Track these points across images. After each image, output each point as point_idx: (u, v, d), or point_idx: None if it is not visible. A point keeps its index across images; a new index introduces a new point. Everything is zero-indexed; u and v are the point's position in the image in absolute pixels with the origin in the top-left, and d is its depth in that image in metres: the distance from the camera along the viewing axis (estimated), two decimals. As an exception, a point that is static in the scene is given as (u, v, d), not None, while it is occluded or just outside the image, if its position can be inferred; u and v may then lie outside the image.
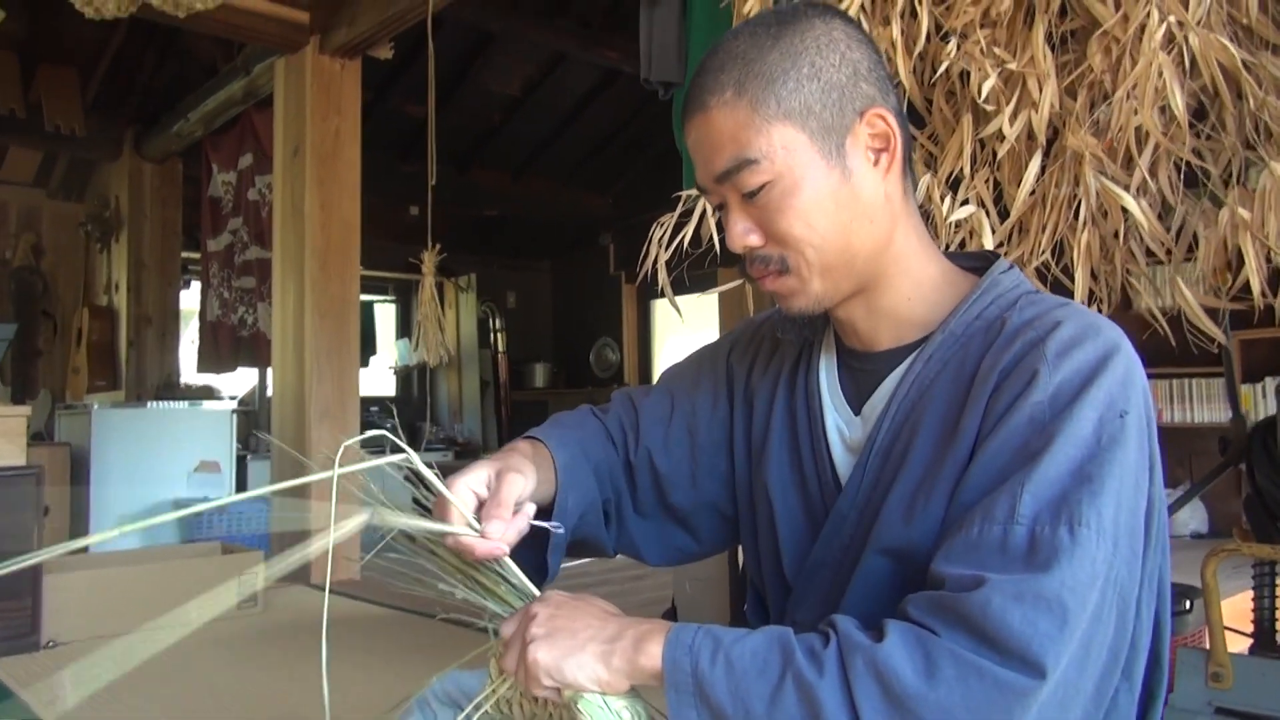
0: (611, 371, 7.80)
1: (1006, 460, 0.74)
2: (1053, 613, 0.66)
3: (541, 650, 0.75)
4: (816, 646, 0.71)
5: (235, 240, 4.83)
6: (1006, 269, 0.88)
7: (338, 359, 4.07)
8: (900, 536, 0.81)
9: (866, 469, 0.87)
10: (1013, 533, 0.70)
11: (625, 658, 0.75)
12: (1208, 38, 1.38)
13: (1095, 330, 0.78)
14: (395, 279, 7.59)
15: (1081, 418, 0.73)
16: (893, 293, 0.88)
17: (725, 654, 0.72)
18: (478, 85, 6.23)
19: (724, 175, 0.83)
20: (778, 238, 0.83)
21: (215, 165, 5.01)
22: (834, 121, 0.81)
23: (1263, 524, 1.79)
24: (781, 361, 1.01)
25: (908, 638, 0.68)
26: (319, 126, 4.03)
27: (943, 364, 0.84)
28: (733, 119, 0.81)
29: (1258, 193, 1.40)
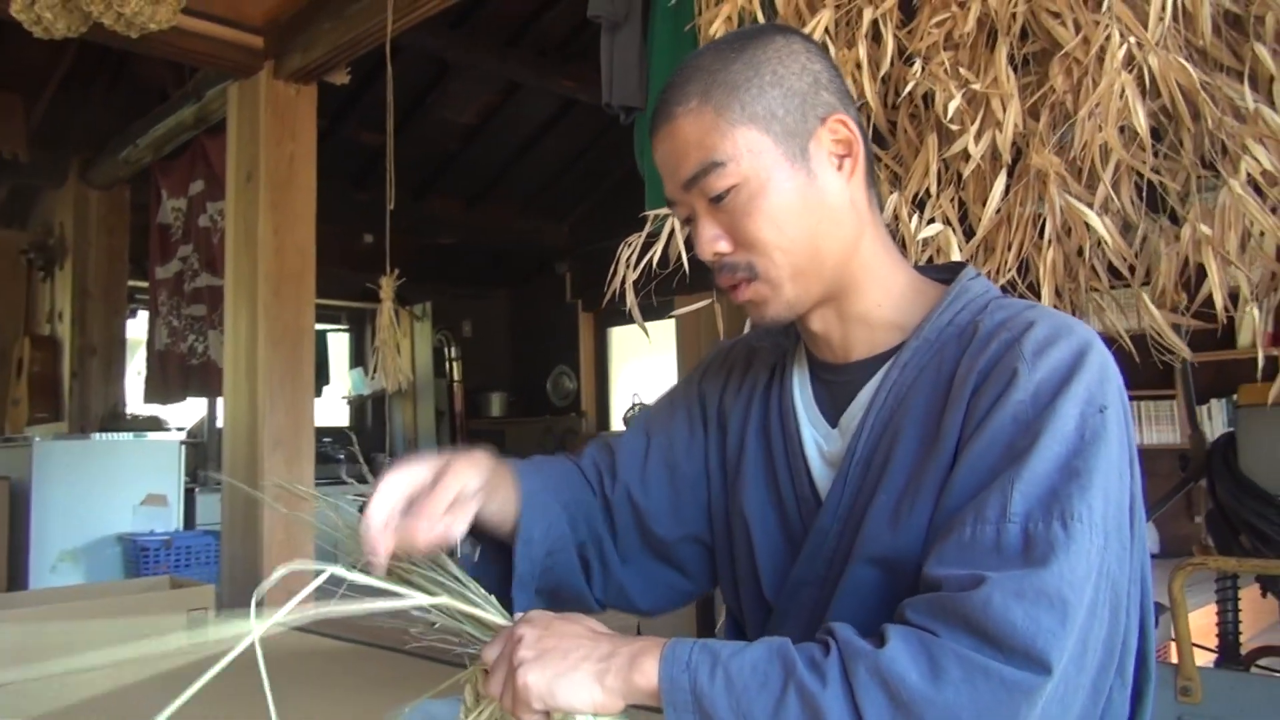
0: (569, 400, 7.76)
1: (993, 460, 0.74)
2: (1054, 608, 0.66)
3: (532, 673, 0.72)
4: (817, 656, 0.69)
5: (185, 267, 4.73)
6: (974, 276, 0.89)
7: (291, 388, 3.99)
8: (887, 545, 0.80)
9: (847, 481, 0.86)
10: (1006, 531, 0.70)
11: (620, 677, 0.72)
12: (1166, 58, 1.42)
13: (1069, 329, 0.79)
14: (349, 308, 7.50)
15: (1065, 414, 0.73)
16: (863, 299, 0.88)
17: (724, 668, 0.69)
18: (434, 114, 6.21)
19: (691, 181, 0.84)
20: (746, 242, 0.84)
21: (165, 191, 4.91)
22: (797, 126, 0.83)
23: (1225, 538, 1.81)
24: (754, 382, 1.01)
25: (910, 641, 0.67)
26: (273, 152, 3.98)
27: (919, 370, 0.84)
28: (699, 125, 0.83)
29: (1217, 209, 1.43)
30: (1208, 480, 1.86)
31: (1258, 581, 1.83)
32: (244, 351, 4.01)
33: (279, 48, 3.98)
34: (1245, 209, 1.39)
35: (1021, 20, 1.59)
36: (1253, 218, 1.39)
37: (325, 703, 2.48)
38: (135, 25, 2.51)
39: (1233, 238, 1.41)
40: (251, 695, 0.67)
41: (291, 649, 3.20)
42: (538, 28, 5.53)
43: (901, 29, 1.73)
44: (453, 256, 7.51)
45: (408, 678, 2.74)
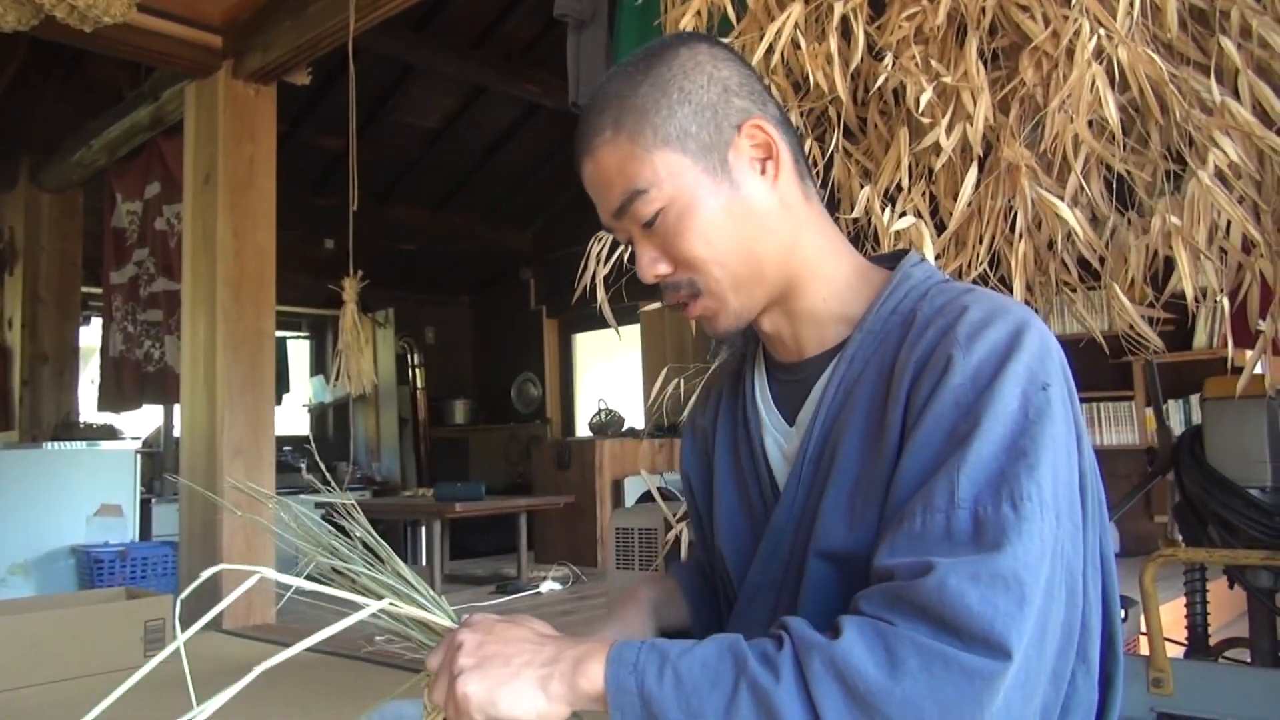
0: (534, 407, 7.72)
1: (937, 448, 0.73)
2: (1010, 591, 0.64)
3: (472, 683, 0.69)
4: (770, 651, 0.67)
5: (141, 272, 4.62)
6: (917, 262, 0.88)
7: (251, 394, 3.91)
8: (841, 541, 0.78)
9: (801, 478, 0.85)
10: (955, 518, 0.68)
11: (565, 681, 0.69)
12: (1136, 51, 1.42)
13: (1004, 309, 0.78)
14: (309, 314, 7.40)
15: (1005, 394, 0.72)
16: (809, 296, 0.88)
17: (673, 668, 0.67)
18: (396, 118, 6.15)
19: (619, 211, 0.84)
20: (683, 262, 0.84)
21: (119, 195, 4.80)
22: (712, 139, 0.83)
23: (1193, 530, 1.83)
24: (720, 393, 1.01)
25: (865, 631, 0.65)
26: (232, 153, 3.90)
27: (864, 362, 0.84)
28: (616, 155, 0.83)
29: (1186, 201, 1.44)
30: (1175, 473, 1.87)
31: (1225, 573, 1.85)
32: (202, 357, 3.93)
33: (238, 47, 3.91)
34: (1214, 200, 1.40)
35: (991, 14, 1.59)
36: (1221, 208, 1.40)
37: (284, 713, 2.42)
38: (89, 19, 2.44)
39: (1201, 229, 1.42)
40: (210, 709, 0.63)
41: (248, 659, 3.12)
42: (502, 31, 5.50)
43: (871, 24, 1.73)
44: (415, 263, 7.45)
45: (367, 684, 2.68)
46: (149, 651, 3.00)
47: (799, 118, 1.83)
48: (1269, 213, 1.54)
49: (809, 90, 1.78)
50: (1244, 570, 1.75)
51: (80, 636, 2.90)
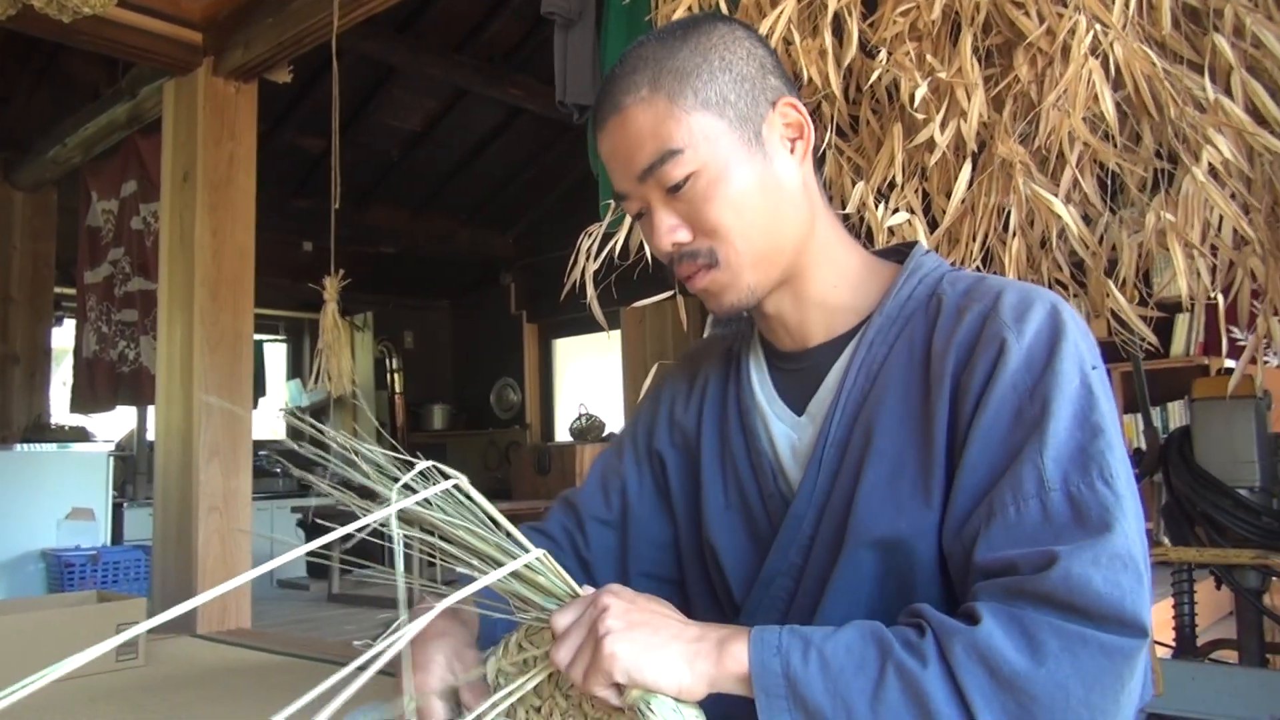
0: (513, 412, 7.68)
1: (1003, 431, 0.73)
2: (1129, 569, 0.66)
3: (621, 644, 0.68)
4: (912, 637, 0.67)
5: (116, 272, 4.55)
6: (926, 252, 0.90)
7: (229, 395, 3.84)
8: (887, 526, 0.78)
9: (822, 466, 0.84)
10: (1050, 501, 0.69)
11: (710, 660, 0.69)
12: (1131, 47, 1.42)
13: (1035, 292, 0.80)
14: (286, 318, 7.33)
15: (1066, 373, 0.73)
16: (818, 281, 0.88)
17: (819, 651, 0.67)
18: (377, 120, 6.11)
19: (647, 171, 0.82)
20: (707, 229, 0.82)
21: (94, 193, 4.73)
22: (749, 111, 0.84)
23: (1181, 530, 1.83)
24: (704, 386, 0.99)
25: (1001, 617, 0.65)
26: (212, 151, 3.85)
27: (888, 346, 0.84)
28: (651, 114, 0.82)
29: (1180, 198, 1.44)
30: (1163, 474, 1.88)
31: (1212, 573, 1.85)
32: (179, 358, 3.86)
33: (219, 44, 3.86)
34: (1209, 196, 1.40)
35: (985, 11, 1.59)
36: (1215, 205, 1.41)
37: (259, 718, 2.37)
38: (68, 8, 2.40)
39: (1196, 226, 1.42)
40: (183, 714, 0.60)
41: (223, 664, 3.07)
42: (485, 34, 5.49)
43: (864, 20, 1.72)
44: (395, 266, 7.40)
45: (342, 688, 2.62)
46: (121, 656, 2.94)
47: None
48: (1259, 210, 1.55)
49: (802, 86, 1.78)
50: (1232, 570, 1.75)
51: (51, 640, 2.83)
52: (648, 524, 1.00)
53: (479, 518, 0.79)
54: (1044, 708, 0.62)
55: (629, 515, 1.01)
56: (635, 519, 1.01)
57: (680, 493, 0.99)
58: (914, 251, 0.89)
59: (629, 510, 1.01)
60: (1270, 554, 1.64)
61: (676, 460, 1.00)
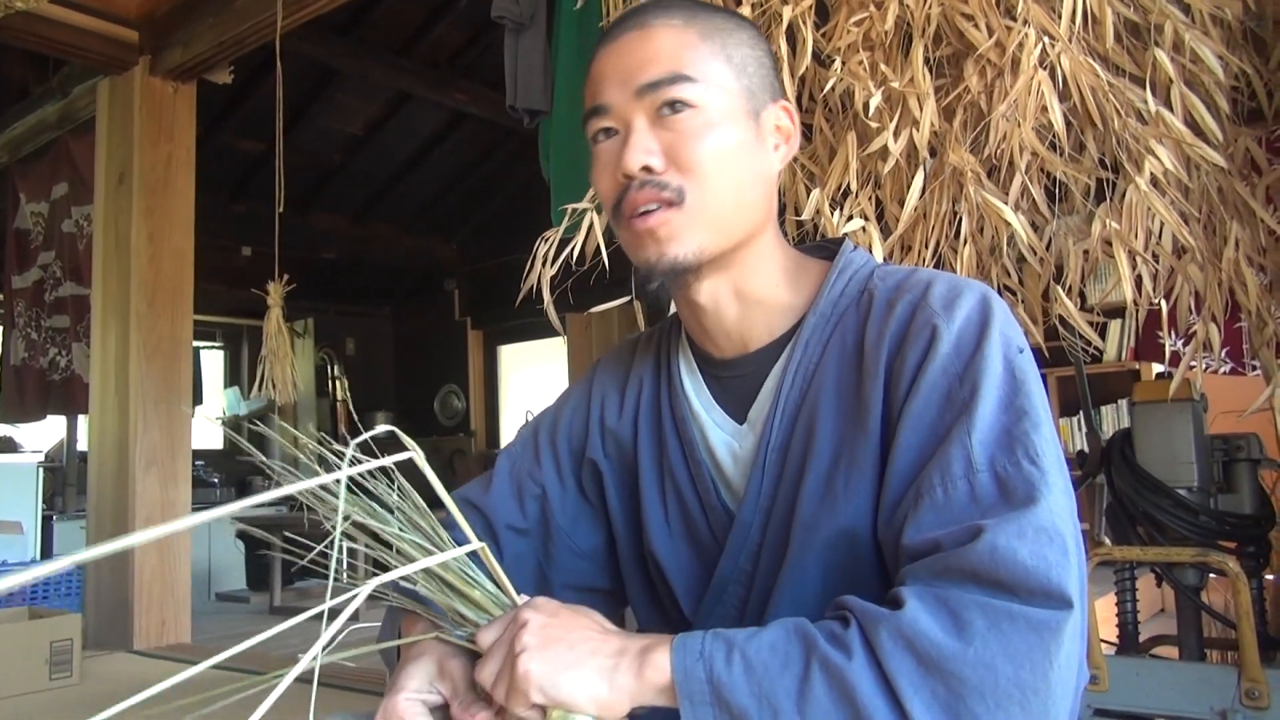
0: (457, 420, 7.60)
1: (933, 416, 0.74)
2: (1054, 542, 0.65)
3: (534, 662, 0.66)
4: (836, 629, 0.65)
5: (46, 276, 4.40)
6: (854, 249, 0.90)
7: (166, 404, 3.75)
8: (826, 524, 0.78)
9: (765, 471, 0.84)
10: (978, 482, 0.69)
11: (631, 673, 0.67)
12: (1077, 60, 1.47)
13: (963, 281, 0.81)
14: (224, 324, 7.17)
15: (992, 357, 0.74)
16: (760, 277, 0.86)
17: (741, 653, 0.65)
18: (319, 123, 6.00)
19: (651, 85, 0.80)
20: (686, 165, 0.80)
21: (23, 195, 4.57)
22: (759, 92, 0.85)
23: (1124, 529, 1.88)
24: (638, 395, 0.97)
25: (925, 598, 0.64)
26: (149, 153, 3.75)
27: (822, 346, 0.84)
28: (678, 39, 0.82)
29: (1124, 207, 1.49)
30: (1106, 475, 1.93)
31: (1153, 571, 1.90)
32: (114, 365, 3.75)
33: (156, 42, 3.77)
34: (1151, 205, 1.44)
35: (936, 23, 1.62)
36: (1158, 214, 1.45)
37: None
38: (0, 4, 2.32)
39: (1140, 234, 1.46)
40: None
41: (161, 680, 2.98)
42: (429, 37, 5.43)
43: (817, 30, 1.74)
44: (336, 272, 7.27)
45: (290, 702, 2.57)
46: (55, 674, 2.84)
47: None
48: (1198, 220, 1.61)
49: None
50: (1172, 568, 1.80)
51: (-22, 659, 2.72)
52: (570, 534, 0.97)
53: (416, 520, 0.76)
54: (973, 689, 0.60)
55: (550, 524, 0.97)
56: (557, 528, 0.97)
57: (618, 502, 0.96)
58: (843, 249, 0.89)
59: (550, 519, 0.97)
60: (1209, 552, 1.70)
61: (612, 470, 0.97)
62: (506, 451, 1.03)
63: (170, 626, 3.57)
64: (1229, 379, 2.52)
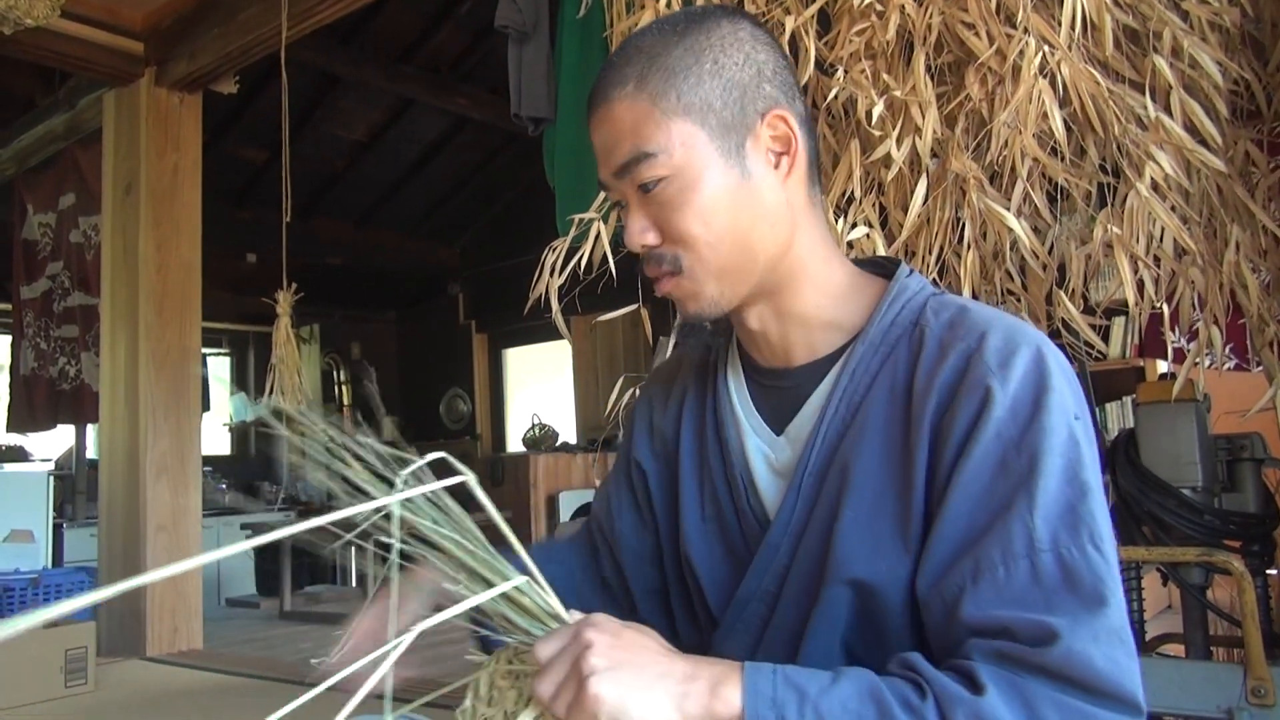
0: (463, 423, 7.62)
1: (988, 482, 0.73)
2: (1124, 644, 0.66)
3: (605, 684, 0.65)
4: (912, 698, 0.66)
5: (55, 286, 4.43)
6: (910, 273, 0.88)
7: (176, 412, 3.78)
8: (865, 568, 0.77)
9: (800, 494, 0.83)
10: (1041, 563, 0.69)
11: (700, 703, 0.67)
12: (1077, 67, 1.48)
13: (1020, 331, 0.78)
14: (230, 330, 7.19)
15: (1053, 427, 0.72)
16: (800, 298, 0.86)
17: (814, 707, 0.65)
18: (322, 130, 6.04)
19: (622, 169, 0.81)
20: (674, 236, 0.81)
21: (31, 206, 4.60)
22: (734, 120, 0.80)
23: (1129, 529, 1.90)
24: (682, 394, 0.98)
25: (1003, 686, 0.65)
26: (155, 164, 3.78)
27: (871, 376, 0.82)
28: (633, 112, 0.80)
29: (1126, 212, 1.50)
30: (1111, 475, 1.94)
31: (1159, 570, 1.92)
32: (123, 374, 3.78)
33: (161, 54, 3.80)
34: (1152, 210, 1.46)
35: (937, 31, 1.64)
36: (1158, 218, 1.47)
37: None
38: (9, 20, 2.34)
39: (1143, 237, 1.48)
40: None
41: (174, 687, 3.01)
42: (430, 44, 5.46)
43: (819, 39, 1.76)
44: (340, 278, 7.30)
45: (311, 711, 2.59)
46: (70, 682, 2.87)
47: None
48: (1199, 223, 1.62)
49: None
50: (1178, 567, 1.82)
51: None
52: (632, 540, 0.99)
53: (465, 529, 0.78)
54: None
55: (616, 538, 0.99)
56: (623, 539, 0.99)
57: (661, 503, 0.97)
58: (899, 273, 0.86)
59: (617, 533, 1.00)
60: (1213, 551, 1.71)
61: (657, 470, 0.98)
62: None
63: (183, 633, 3.60)
64: (1233, 377, 2.53)
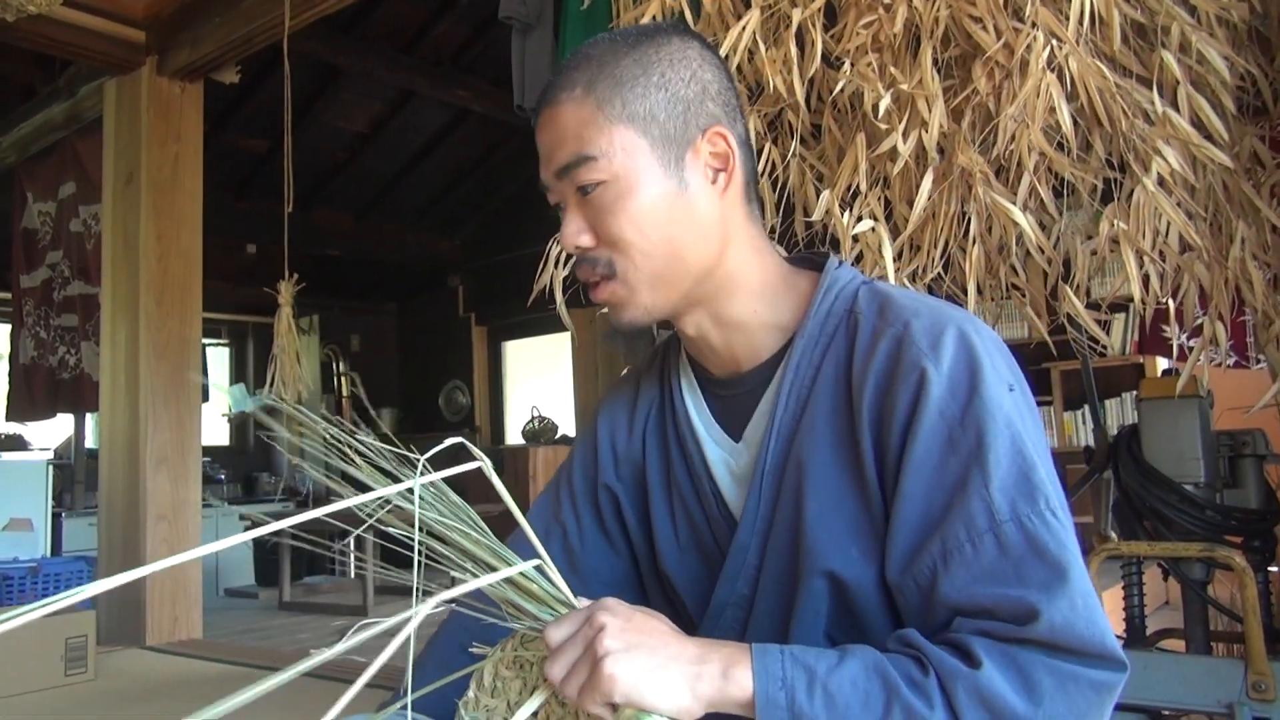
0: (462, 415, 7.63)
1: (938, 461, 0.75)
2: (1096, 605, 0.69)
3: (620, 665, 0.67)
4: (916, 675, 0.68)
5: (55, 275, 4.42)
6: (839, 264, 0.89)
7: (176, 403, 3.77)
8: (842, 558, 0.79)
9: (761, 495, 0.85)
10: (1004, 534, 0.71)
11: (713, 684, 0.69)
12: (1085, 61, 1.48)
13: (944, 314, 0.80)
14: (229, 321, 7.19)
15: (992, 399, 0.75)
16: (735, 306, 0.87)
17: (823, 686, 0.67)
18: (322, 121, 6.02)
19: (563, 170, 0.83)
20: (608, 240, 0.83)
21: (30, 194, 4.59)
22: (676, 134, 0.83)
23: (1130, 524, 1.90)
24: (645, 413, 0.99)
25: (997, 658, 0.67)
26: (156, 153, 3.77)
27: (814, 369, 0.84)
28: (578, 115, 0.81)
29: (1132, 207, 1.50)
30: (1113, 470, 1.94)
31: (1160, 565, 1.92)
32: (124, 364, 3.78)
33: (163, 43, 3.78)
34: (1158, 205, 1.46)
35: (944, 25, 1.64)
36: (1165, 213, 1.47)
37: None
38: (11, 7, 2.33)
39: (1149, 231, 1.48)
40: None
41: (174, 676, 3.01)
42: (432, 36, 5.45)
43: (826, 32, 1.76)
44: (340, 270, 7.29)
45: (298, 698, 2.59)
46: (70, 670, 2.87)
47: (757, 120, 1.86)
48: (1204, 219, 1.62)
49: (764, 95, 1.81)
50: (1179, 562, 1.82)
51: None
52: (597, 567, 0.99)
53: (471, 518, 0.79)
54: None
55: (575, 561, 1.00)
56: (583, 564, 0.99)
57: (636, 523, 0.98)
58: (828, 265, 0.89)
59: (574, 559, 0.99)
60: (1215, 546, 1.72)
61: (626, 491, 0.99)
62: (535, 502, 1.06)
63: (182, 623, 3.60)
64: (1234, 374, 2.54)
